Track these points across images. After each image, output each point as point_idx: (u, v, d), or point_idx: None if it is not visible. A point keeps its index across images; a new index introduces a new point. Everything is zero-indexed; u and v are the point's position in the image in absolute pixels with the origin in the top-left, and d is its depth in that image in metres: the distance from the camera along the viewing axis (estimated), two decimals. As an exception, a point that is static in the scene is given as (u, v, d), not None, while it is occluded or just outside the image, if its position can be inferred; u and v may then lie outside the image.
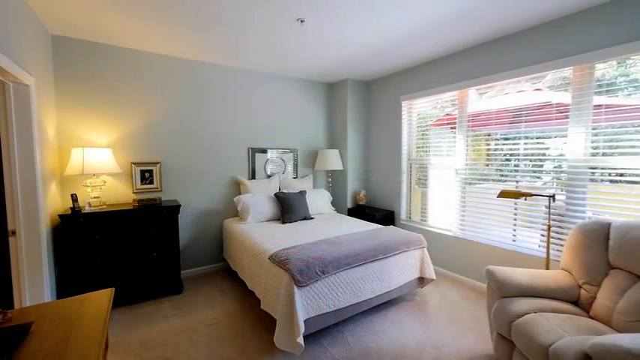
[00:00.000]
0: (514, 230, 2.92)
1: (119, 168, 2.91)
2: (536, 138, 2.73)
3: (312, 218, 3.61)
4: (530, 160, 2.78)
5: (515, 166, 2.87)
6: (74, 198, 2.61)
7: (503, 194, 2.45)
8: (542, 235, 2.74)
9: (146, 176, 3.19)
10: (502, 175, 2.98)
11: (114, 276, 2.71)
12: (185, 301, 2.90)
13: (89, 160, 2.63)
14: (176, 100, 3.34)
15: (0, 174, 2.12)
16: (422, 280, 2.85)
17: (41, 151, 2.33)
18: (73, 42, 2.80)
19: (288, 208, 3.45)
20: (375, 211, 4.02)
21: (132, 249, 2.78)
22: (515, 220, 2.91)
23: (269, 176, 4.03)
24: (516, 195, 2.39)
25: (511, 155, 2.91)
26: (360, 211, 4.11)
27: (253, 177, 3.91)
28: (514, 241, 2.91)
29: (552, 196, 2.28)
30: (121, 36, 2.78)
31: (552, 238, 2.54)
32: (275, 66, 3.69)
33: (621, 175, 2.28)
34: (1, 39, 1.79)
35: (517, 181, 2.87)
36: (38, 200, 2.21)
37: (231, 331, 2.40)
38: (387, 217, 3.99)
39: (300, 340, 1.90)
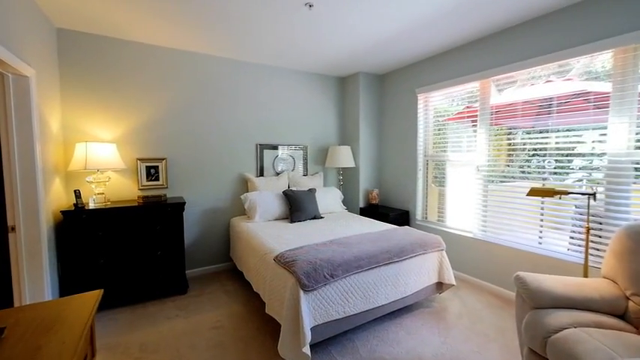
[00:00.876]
0: (540, 232, 2.66)
1: (123, 164, 2.84)
2: (568, 131, 2.47)
3: (322, 217, 3.45)
4: (561, 156, 2.52)
5: (542, 162, 2.61)
6: (77, 194, 2.54)
7: (534, 192, 2.20)
8: (572, 238, 2.48)
9: (152, 172, 3.11)
10: (526, 173, 2.72)
11: (117, 275, 2.64)
12: (189, 301, 2.80)
13: (92, 155, 2.56)
14: (182, 95, 3.25)
15: (0, 168, 2.06)
16: (440, 286, 2.63)
17: (42, 146, 2.27)
18: (79, 35, 2.74)
19: (296, 207, 3.30)
20: (389, 211, 3.81)
21: (135, 247, 2.70)
22: (541, 221, 2.65)
23: (278, 174, 3.90)
24: (549, 193, 2.14)
25: (538, 150, 2.65)
26: (373, 210, 3.91)
27: (261, 174, 3.79)
28: (540, 244, 2.65)
29: (593, 195, 2.02)
30: (127, 29, 2.71)
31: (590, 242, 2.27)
32: (285, 59, 3.55)
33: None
34: (5, 32, 1.73)
35: (544, 179, 2.61)
36: (38, 195, 2.14)
37: (234, 335, 2.27)
38: (401, 217, 3.78)
39: (307, 349, 1.74)
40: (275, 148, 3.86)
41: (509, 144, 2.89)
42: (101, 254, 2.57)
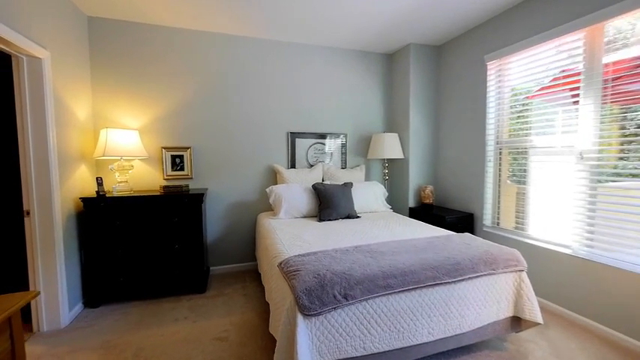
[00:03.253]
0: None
1: (145, 152, 2.74)
2: None
3: (357, 217, 2.88)
4: None
5: None
6: (99, 181, 2.49)
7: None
8: None
9: (177, 162, 2.97)
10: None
11: (134, 267, 2.52)
12: (204, 302, 2.55)
13: (112, 141, 2.48)
14: (208, 81, 3.04)
15: (16, 152, 2.05)
16: (518, 322, 1.84)
17: (63, 131, 2.24)
18: (107, 23, 2.72)
19: (327, 203, 2.81)
20: (446, 213, 3.04)
21: (153, 239, 2.55)
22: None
23: (311, 165, 3.45)
24: None
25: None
26: (426, 211, 3.18)
27: (293, 166, 3.39)
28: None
29: None
30: (152, 12, 2.59)
31: None
32: (320, 34, 3.08)
33: None
34: (10, 12, 1.75)
35: None
36: (52, 181, 2.09)
37: (236, 352, 1.89)
38: (462, 222, 2.97)
39: (303, 398, 1.24)
40: (308, 136, 3.42)
41: (631, 123, 1.91)
42: (119, 244, 2.47)
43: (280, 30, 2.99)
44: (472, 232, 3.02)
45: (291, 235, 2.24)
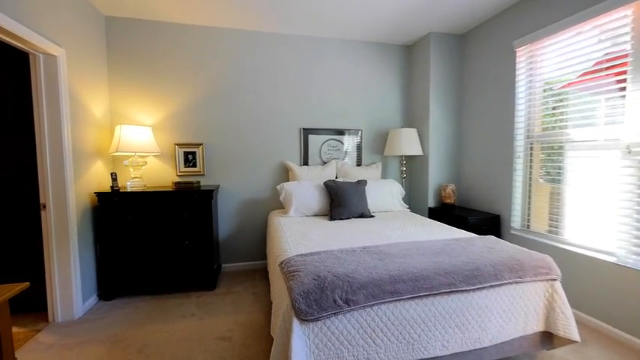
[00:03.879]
0: None
1: (158, 148, 2.76)
2: None
3: (371, 216, 2.73)
4: None
5: None
6: (113, 177, 2.54)
7: None
8: None
9: (189, 158, 2.98)
10: None
11: (146, 261, 2.54)
12: (212, 299, 2.52)
13: (125, 137, 2.52)
14: (221, 77, 3.02)
15: (34, 146, 2.12)
16: (549, 338, 1.62)
17: (79, 127, 2.29)
18: (124, 21, 2.77)
19: (338, 201, 2.68)
20: (469, 214, 2.81)
21: (164, 235, 2.56)
22: None
23: (324, 162, 3.34)
24: None
25: None
26: (446, 211, 2.96)
27: (306, 163, 3.30)
28: None
29: None
30: (168, 9, 2.61)
31: None
32: (334, 26, 2.96)
33: None
34: (27, 12, 1.82)
35: None
36: (66, 175, 2.14)
37: (238, 354, 1.82)
38: (487, 224, 2.73)
39: (297, 411, 1.13)
40: (322, 133, 3.31)
41: None
42: (131, 239, 2.51)
43: (293, 23, 2.91)
44: (498, 235, 2.77)
45: (299, 234, 2.14)
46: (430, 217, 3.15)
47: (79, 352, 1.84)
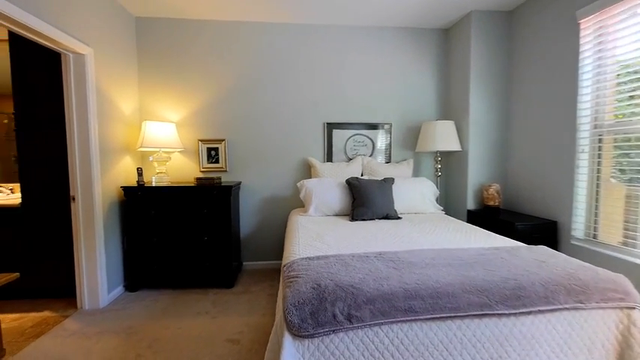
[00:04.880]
0: None
1: (181, 144, 2.80)
2: None
3: (397, 218, 2.46)
4: None
5: None
6: (139, 171, 2.61)
7: None
8: None
9: (212, 154, 2.98)
10: None
11: (167, 255, 2.57)
12: (228, 298, 2.46)
13: (149, 133, 2.57)
14: (243, 71, 2.98)
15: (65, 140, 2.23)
16: (622, 383, 1.24)
17: (103, 123, 2.37)
18: (152, 21, 2.85)
19: (361, 200, 2.46)
20: (517, 219, 2.40)
21: (184, 230, 2.57)
22: None
23: (350, 159, 3.13)
24: None
25: None
26: (489, 215, 2.58)
27: (330, 159, 3.12)
28: None
29: None
30: (193, 5, 2.62)
31: None
32: (361, 12, 2.74)
33: None
34: (59, 14, 1.94)
35: None
36: (93, 169, 2.23)
37: (245, 358, 1.72)
38: (540, 231, 2.30)
39: None
40: (347, 127, 3.11)
41: None
42: (154, 233, 2.55)
43: (318, 12, 2.75)
44: (554, 245, 2.32)
45: (313, 235, 1.97)
46: (469, 221, 2.78)
47: (96, 342, 1.88)
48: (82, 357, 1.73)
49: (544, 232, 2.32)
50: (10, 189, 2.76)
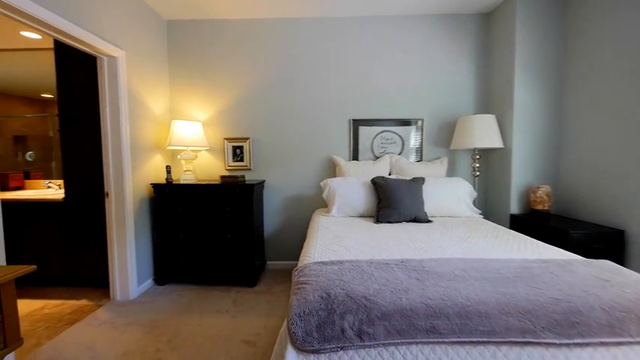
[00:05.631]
0: None
1: (207, 142, 2.84)
2: None
3: (428, 221, 2.26)
4: None
5: None
6: (168, 169, 2.69)
7: None
8: None
9: (237, 153, 2.99)
10: None
11: (193, 252, 2.62)
12: (250, 297, 2.44)
13: (177, 132, 2.64)
14: (268, 69, 2.95)
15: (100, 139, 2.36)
16: None
17: (134, 122, 2.47)
18: (182, 23, 2.93)
19: (387, 201, 2.30)
20: (571, 226, 2.08)
21: (209, 227, 2.60)
22: None
23: (377, 157, 2.96)
24: None
25: None
26: (537, 221, 2.27)
27: (355, 158, 2.98)
28: None
29: None
30: (220, 5, 2.65)
31: None
32: (389, 1, 2.58)
33: None
34: (93, 19, 2.05)
35: None
36: (124, 167, 2.33)
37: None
38: (601, 241, 1.96)
39: None
40: (374, 124, 2.94)
41: None
42: (180, 229, 2.62)
43: (343, 3, 2.63)
44: (619, 260, 1.96)
45: (333, 237, 1.86)
46: (512, 227, 2.48)
47: (121, 333, 1.95)
48: (106, 347, 1.80)
49: (607, 242, 1.97)
50: (58, 185, 3.02)
